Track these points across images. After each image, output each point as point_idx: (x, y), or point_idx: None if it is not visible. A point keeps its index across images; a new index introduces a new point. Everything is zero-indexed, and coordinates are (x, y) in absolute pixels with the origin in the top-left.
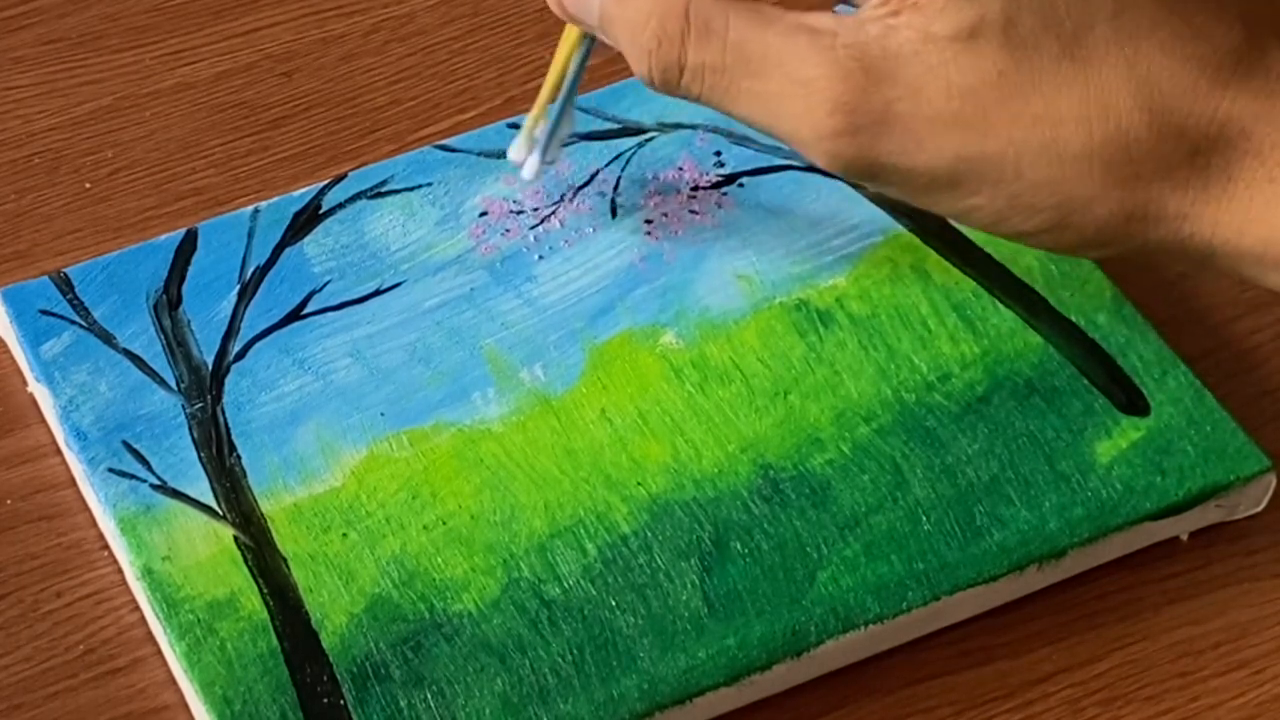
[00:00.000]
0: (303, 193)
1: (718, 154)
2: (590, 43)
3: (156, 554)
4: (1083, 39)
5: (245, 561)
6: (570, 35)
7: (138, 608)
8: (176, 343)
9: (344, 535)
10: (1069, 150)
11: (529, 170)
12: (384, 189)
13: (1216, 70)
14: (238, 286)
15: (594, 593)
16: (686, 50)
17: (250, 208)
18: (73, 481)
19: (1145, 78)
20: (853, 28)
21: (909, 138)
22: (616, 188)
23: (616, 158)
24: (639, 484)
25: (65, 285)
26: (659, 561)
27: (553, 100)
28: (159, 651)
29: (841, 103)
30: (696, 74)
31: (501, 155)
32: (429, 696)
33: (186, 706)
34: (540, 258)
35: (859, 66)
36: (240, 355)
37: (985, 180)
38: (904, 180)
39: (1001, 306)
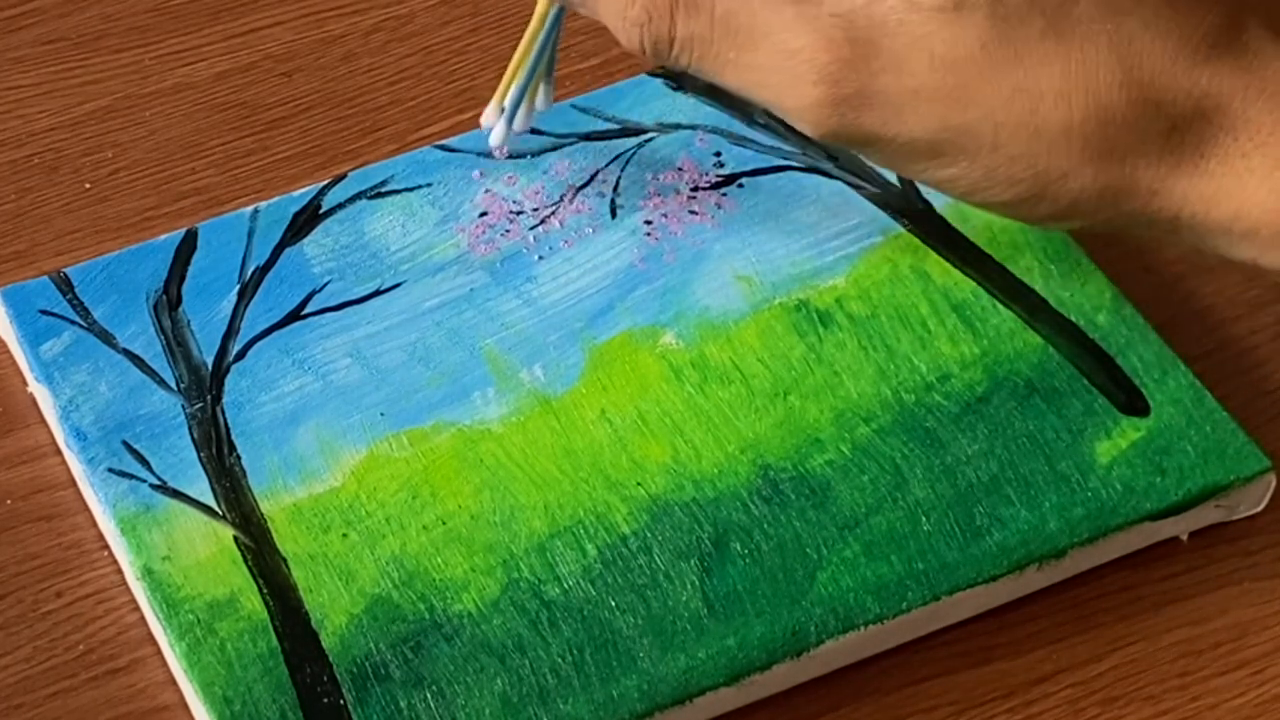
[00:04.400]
0: (303, 193)
1: (718, 154)
2: (560, 12)
3: (156, 554)
4: (1067, 13)
5: (245, 561)
6: (540, 5)
7: (138, 608)
8: (176, 343)
9: (344, 535)
10: (1048, 125)
11: (495, 137)
12: (384, 189)
13: (1196, 47)
14: (238, 286)
15: (594, 593)
16: (675, 23)
17: (250, 208)
18: (73, 481)
19: (1126, 54)
20: None
21: (891, 108)
22: (616, 188)
23: (616, 158)
24: (639, 484)
25: (65, 285)
26: (659, 562)
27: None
28: (159, 651)
29: (827, 73)
30: (686, 46)
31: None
32: (429, 696)
33: (186, 706)
34: (540, 258)
35: (844, 36)
36: (240, 355)
37: (965, 151)
38: (886, 149)
39: (1001, 306)
